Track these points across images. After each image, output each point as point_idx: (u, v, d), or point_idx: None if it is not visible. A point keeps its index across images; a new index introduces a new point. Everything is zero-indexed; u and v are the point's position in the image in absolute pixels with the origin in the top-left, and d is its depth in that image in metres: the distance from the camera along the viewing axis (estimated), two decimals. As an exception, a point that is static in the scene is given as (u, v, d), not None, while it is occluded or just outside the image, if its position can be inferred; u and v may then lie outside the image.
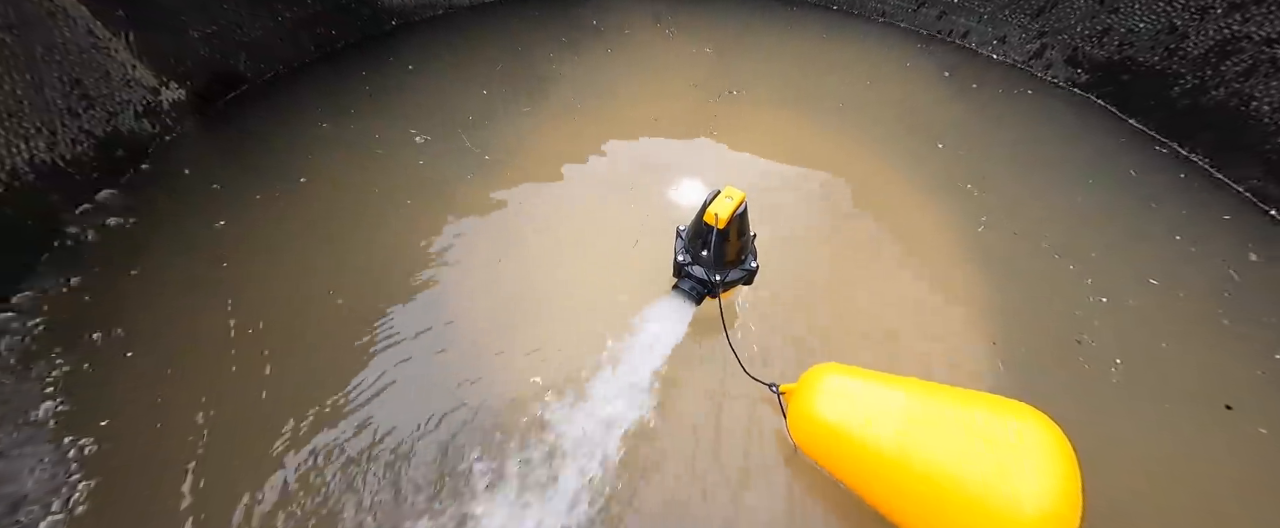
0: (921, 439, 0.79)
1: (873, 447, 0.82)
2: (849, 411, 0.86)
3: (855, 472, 0.87)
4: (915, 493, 0.79)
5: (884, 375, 0.90)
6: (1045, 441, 0.75)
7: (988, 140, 1.61)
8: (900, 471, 0.79)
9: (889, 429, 0.81)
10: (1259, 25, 1.36)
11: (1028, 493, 0.71)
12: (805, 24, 2.03)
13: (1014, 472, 0.72)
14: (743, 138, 1.59)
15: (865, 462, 0.83)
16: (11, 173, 1.15)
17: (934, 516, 0.78)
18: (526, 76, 1.76)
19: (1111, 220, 1.40)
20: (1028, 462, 0.73)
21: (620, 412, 1.00)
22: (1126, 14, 1.57)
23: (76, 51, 1.24)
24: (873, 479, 0.84)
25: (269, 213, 1.34)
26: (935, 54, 1.90)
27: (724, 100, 1.71)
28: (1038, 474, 0.72)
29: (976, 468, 0.74)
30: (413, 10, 1.94)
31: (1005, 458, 0.74)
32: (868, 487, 0.86)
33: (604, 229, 1.35)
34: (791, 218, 1.39)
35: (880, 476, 0.82)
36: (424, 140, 1.54)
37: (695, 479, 0.97)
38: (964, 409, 0.81)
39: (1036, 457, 0.73)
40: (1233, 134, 1.47)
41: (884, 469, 0.81)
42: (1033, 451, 0.74)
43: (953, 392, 0.86)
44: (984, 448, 0.75)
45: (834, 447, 0.88)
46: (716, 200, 0.93)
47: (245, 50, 1.62)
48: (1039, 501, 0.70)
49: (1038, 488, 0.71)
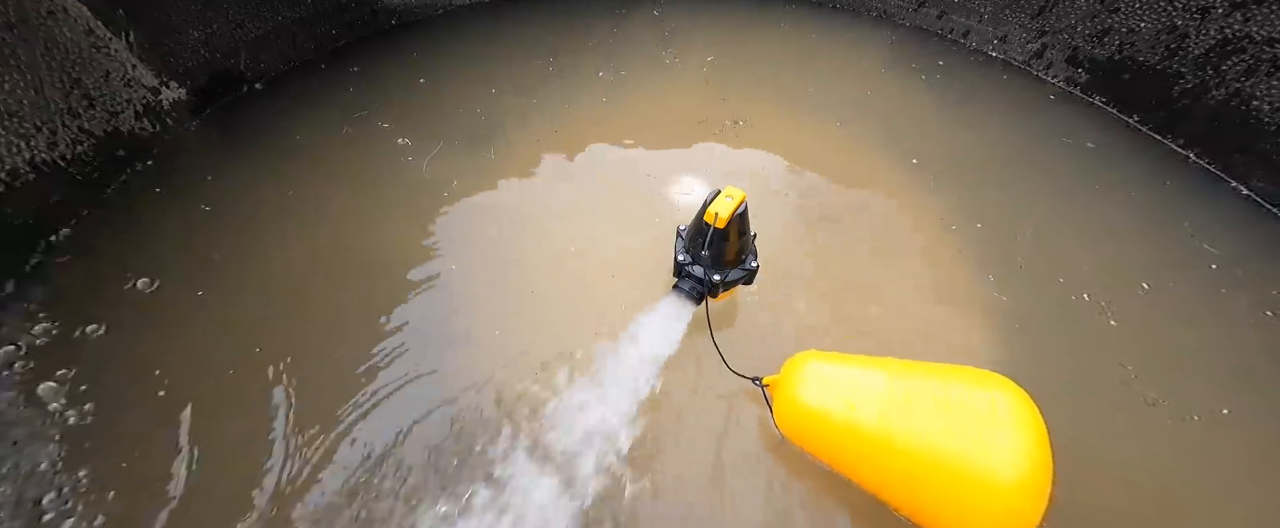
0: (903, 417, 0.81)
1: (856, 428, 0.83)
2: (831, 395, 0.87)
3: (841, 455, 0.88)
4: (900, 469, 0.81)
5: (863, 358, 0.92)
6: (1018, 411, 0.78)
7: (988, 140, 1.61)
8: (884, 449, 0.81)
9: (871, 410, 0.83)
10: (1260, 25, 1.36)
11: (1004, 462, 0.74)
12: (805, 23, 2.03)
13: (990, 442, 0.76)
14: (743, 138, 1.59)
15: (850, 444, 0.85)
16: (12, 172, 1.15)
17: (918, 489, 0.80)
18: (527, 76, 1.76)
19: (1111, 219, 1.40)
20: (1002, 431, 0.76)
21: (620, 411, 1.00)
22: (1127, 14, 1.57)
23: (77, 51, 1.24)
24: (859, 460, 0.86)
25: (269, 212, 1.34)
26: (936, 53, 1.90)
27: (725, 100, 1.71)
28: (1012, 443, 0.75)
29: (955, 441, 0.77)
30: (413, 10, 1.95)
31: (982, 429, 0.77)
32: (854, 468, 0.87)
33: (604, 229, 1.35)
34: (788, 217, 1.39)
35: (865, 456, 0.84)
36: (423, 139, 1.54)
37: (688, 472, 0.98)
38: (941, 384, 0.83)
39: (1010, 426, 0.77)
40: (1234, 134, 1.46)
41: (869, 449, 0.83)
42: (1006, 420, 0.77)
43: (930, 368, 0.88)
44: (962, 421, 0.78)
45: (819, 432, 0.89)
46: (717, 200, 0.93)
47: (245, 50, 1.62)
48: (1015, 468, 0.74)
49: (1013, 457, 0.75)
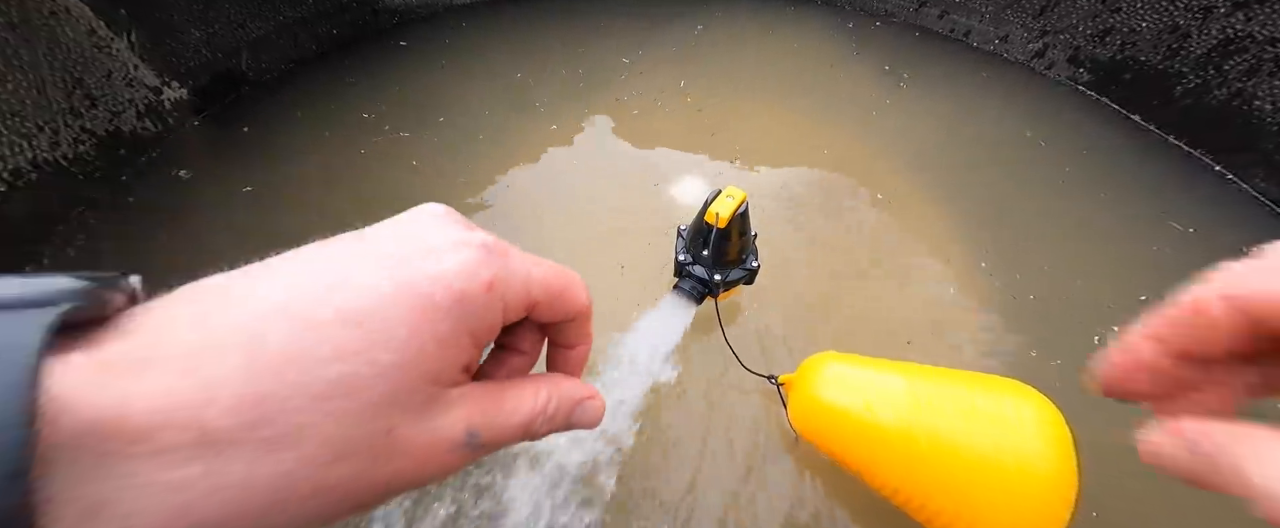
0: (922, 418, 0.79)
1: (875, 429, 0.82)
2: (849, 396, 0.86)
3: (858, 455, 0.87)
4: (919, 471, 0.79)
5: (881, 361, 0.91)
6: (1042, 416, 0.76)
7: (988, 140, 1.61)
8: (903, 450, 0.79)
9: (890, 412, 0.81)
10: (1262, 25, 1.35)
11: (1028, 468, 0.72)
12: (805, 22, 2.02)
13: (1013, 445, 0.74)
14: (743, 138, 1.59)
15: (868, 444, 0.83)
16: (15, 172, 1.15)
17: (937, 493, 0.78)
18: (528, 76, 1.76)
19: (1112, 219, 1.40)
20: (1026, 436, 0.74)
21: (619, 410, 1.01)
22: (1129, 13, 1.57)
23: (79, 51, 1.24)
24: (876, 461, 0.84)
25: (270, 212, 1.35)
26: (937, 53, 1.90)
27: (727, 100, 1.71)
28: (1037, 448, 0.73)
29: (977, 443, 0.75)
30: (414, 9, 1.95)
31: (1004, 433, 0.75)
32: (871, 469, 0.86)
33: (604, 230, 1.35)
34: (787, 216, 1.39)
35: (883, 457, 0.83)
36: (425, 139, 1.54)
37: (698, 472, 0.98)
38: (962, 388, 0.82)
39: (1034, 431, 0.75)
40: (1235, 134, 1.46)
41: (886, 450, 0.81)
42: (1030, 425, 0.75)
43: (949, 373, 0.87)
44: (983, 424, 0.76)
45: (836, 432, 0.88)
46: (717, 200, 0.93)
47: (247, 50, 1.62)
48: (1039, 475, 0.72)
49: (1037, 463, 0.72)
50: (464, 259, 0.25)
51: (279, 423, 0.19)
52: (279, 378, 0.20)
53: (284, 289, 0.23)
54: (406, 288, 0.23)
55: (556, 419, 0.30)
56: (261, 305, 0.22)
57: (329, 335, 0.21)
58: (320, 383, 0.20)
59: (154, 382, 0.19)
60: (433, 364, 0.23)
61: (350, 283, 0.23)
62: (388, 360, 0.22)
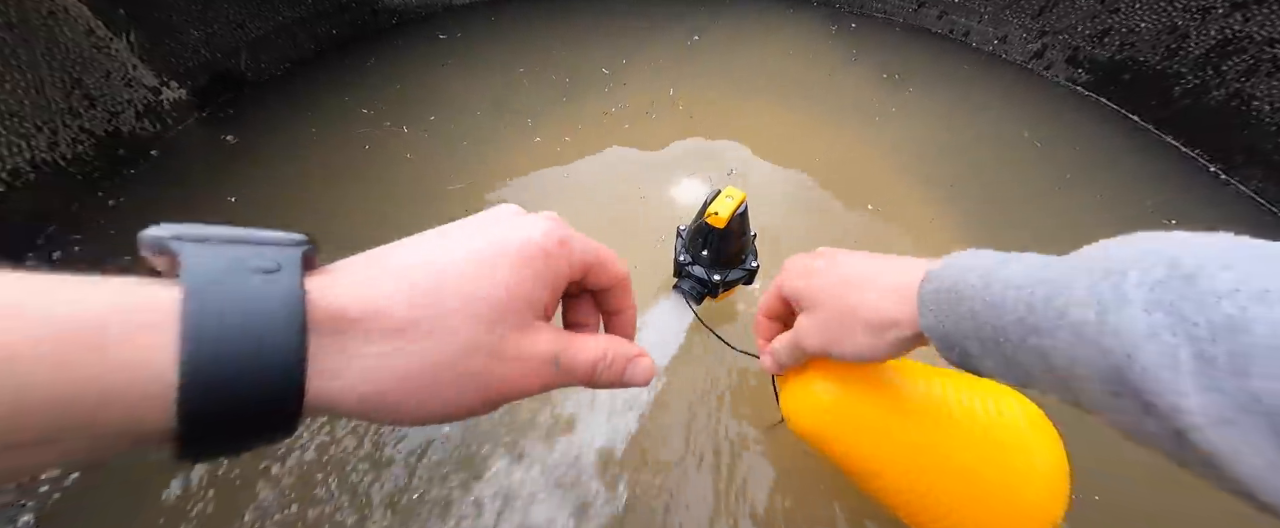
0: (912, 416, 0.80)
1: (865, 424, 0.82)
2: (842, 389, 0.86)
3: (844, 449, 0.87)
4: (907, 467, 0.80)
5: None
6: (1030, 416, 0.77)
7: (987, 140, 1.61)
8: (892, 447, 0.80)
9: (880, 407, 0.82)
10: (1260, 25, 1.36)
11: (1021, 468, 0.73)
12: (804, 21, 2.03)
13: (1007, 444, 0.75)
14: (743, 139, 1.59)
15: (855, 438, 0.83)
16: (14, 172, 1.15)
17: (927, 489, 0.79)
18: (528, 76, 1.76)
19: (1111, 218, 1.41)
20: (1019, 437, 0.75)
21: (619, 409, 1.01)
22: (1128, 14, 1.57)
23: (78, 51, 1.24)
24: (862, 457, 0.85)
25: (270, 212, 1.35)
26: (936, 53, 1.90)
27: (727, 101, 1.71)
28: (1030, 446, 0.74)
29: (969, 443, 0.76)
30: (413, 9, 1.94)
31: (997, 434, 0.76)
32: (857, 462, 0.87)
33: (604, 230, 1.35)
34: (787, 216, 1.39)
35: (870, 451, 0.83)
36: (425, 139, 1.54)
37: (689, 460, 0.98)
38: (953, 388, 0.82)
39: (1026, 433, 0.76)
40: (1234, 134, 1.47)
41: (875, 446, 0.82)
42: (1022, 425, 0.76)
43: (942, 372, 0.87)
44: (973, 425, 0.77)
45: (825, 424, 0.88)
46: (717, 200, 0.93)
47: (246, 50, 1.62)
48: (1032, 474, 0.73)
49: (1030, 462, 0.73)
50: (543, 227, 0.35)
51: (438, 322, 0.30)
52: (436, 294, 0.30)
53: (425, 246, 0.34)
54: (507, 242, 0.33)
55: (615, 368, 0.38)
56: (410, 257, 0.33)
57: (461, 270, 0.31)
58: (459, 298, 0.30)
59: (359, 291, 0.29)
60: (528, 294, 0.33)
61: (468, 243, 0.33)
62: (501, 283, 0.32)
